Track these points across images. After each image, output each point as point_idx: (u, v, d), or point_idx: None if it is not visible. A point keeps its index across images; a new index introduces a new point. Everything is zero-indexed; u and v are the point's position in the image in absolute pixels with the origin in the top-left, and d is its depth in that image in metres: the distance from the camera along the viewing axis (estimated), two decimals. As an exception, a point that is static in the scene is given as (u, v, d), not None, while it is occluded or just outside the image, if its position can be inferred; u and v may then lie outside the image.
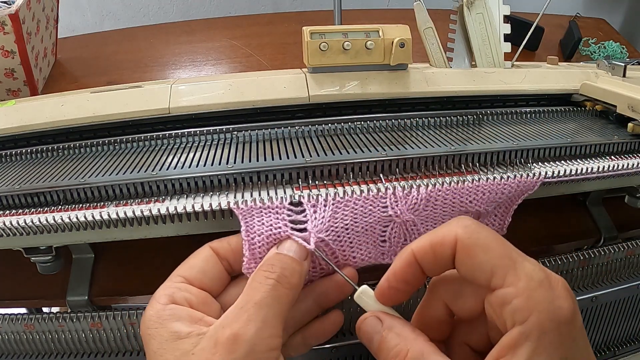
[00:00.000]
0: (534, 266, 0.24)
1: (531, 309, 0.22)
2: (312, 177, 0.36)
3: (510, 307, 0.23)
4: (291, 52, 0.94)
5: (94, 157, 0.40)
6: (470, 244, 0.25)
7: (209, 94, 0.45)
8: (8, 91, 0.79)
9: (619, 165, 0.39)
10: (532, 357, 0.22)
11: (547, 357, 0.22)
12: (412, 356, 0.25)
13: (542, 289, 0.23)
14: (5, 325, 0.37)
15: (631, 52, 1.04)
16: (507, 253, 0.24)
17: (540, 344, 0.22)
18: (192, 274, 0.29)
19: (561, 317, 0.23)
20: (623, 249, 0.44)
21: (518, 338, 0.22)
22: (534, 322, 0.22)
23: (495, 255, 0.24)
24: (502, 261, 0.24)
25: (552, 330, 0.22)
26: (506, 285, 0.23)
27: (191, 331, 0.26)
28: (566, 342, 0.23)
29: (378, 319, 0.27)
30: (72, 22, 1.42)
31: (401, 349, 0.25)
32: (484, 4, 0.53)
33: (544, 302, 0.23)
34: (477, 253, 0.24)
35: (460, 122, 0.45)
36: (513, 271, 0.24)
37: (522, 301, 0.23)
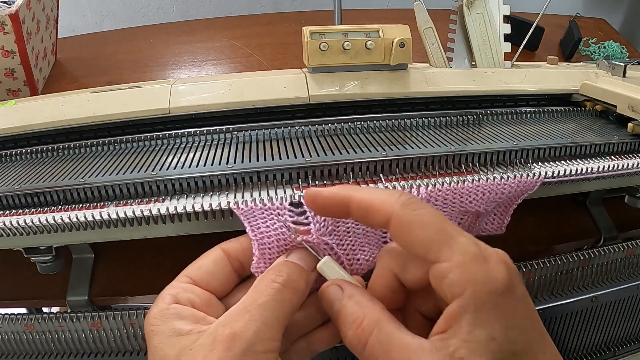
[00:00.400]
0: (469, 241, 0.24)
1: (466, 282, 0.23)
2: (312, 177, 0.36)
3: (447, 281, 0.24)
4: (291, 52, 0.94)
5: (94, 157, 0.40)
6: (406, 221, 0.25)
7: (209, 94, 0.45)
8: (8, 91, 0.79)
9: (619, 165, 0.39)
10: (473, 328, 0.23)
11: (487, 326, 0.23)
12: (368, 322, 0.26)
13: (476, 262, 0.24)
14: (5, 325, 0.37)
15: (631, 52, 1.04)
16: (443, 228, 0.25)
17: (479, 315, 0.23)
18: (198, 275, 0.29)
19: (496, 288, 0.23)
20: (623, 249, 0.44)
21: (458, 311, 0.23)
22: (470, 295, 0.23)
23: (431, 231, 0.25)
24: (437, 236, 0.24)
25: (488, 301, 0.23)
26: (442, 260, 0.24)
27: (192, 329, 0.26)
28: (504, 312, 0.23)
29: (339, 287, 0.28)
30: (72, 22, 1.42)
31: (358, 316, 0.26)
32: (484, 4, 0.53)
33: (477, 275, 0.23)
34: (412, 229, 0.25)
35: (460, 122, 0.45)
36: (448, 246, 0.24)
37: (457, 275, 0.23)
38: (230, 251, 0.30)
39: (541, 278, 0.41)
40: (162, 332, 0.26)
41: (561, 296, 0.42)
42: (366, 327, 0.26)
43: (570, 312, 0.42)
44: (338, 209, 0.28)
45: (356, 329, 0.26)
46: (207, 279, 0.29)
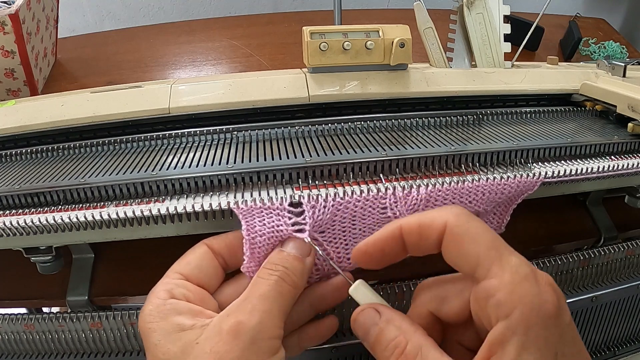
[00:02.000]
0: (520, 260, 0.24)
1: (515, 303, 0.22)
2: (312, 177, 0.36)
3: (494, 300, 0.23)
4: (291, 52, 0.94)
5: (94, 157, 0.40)
6: (459, 232, 0.25)
7: (209, 94, 0.45)
8: (8, 91, 0.79)
9: (619, 165, 0.39)
10: (522, 352, 0.22)
11: (536, 351, 0.22)
12: (411, 349, 0.25)
13: (527, 282, 0.23)
14: (5, 325, 0.37)
15: (631, 52, 1.04)
16: (495, 245, 0.24)
17: (528, 339, 0.22)
18: (188, 271, 0.29)
19: (546, 311, 0.22)
20: (623, 249, 0.44)
21: (504, 333, 0.22)
22: (519, 316, 0.22)
23: (482, 246, 0.24)
24: (489, 252, 0.24)
25: (538, 324, 0.22)
26: (490, 277, 0.23)
27: (194, 323, 0.26)
28: (554, 336, 0.22)
29: (376, 311, 0.27)
30: (72, 22, 1.41)
31: (400, 341, 0.25)
32: (484, 4, 0.53)
33: (528, 296, 0.22)
34: (465, 242, 0.24)
35: (460, 122, 0.45)
36: (498, 263, 0.23)
37: (506, 294, 0.22)
38: (215, 247, 0.30)
39: (541, 278, 0.41)
40: (162, 328, 0.26)
41: (561, 296, 0.42)
42: (409, 353, 0.24)
43: (570, 312, 0.42)
44: (393, 245, 0.27)
45: (399, 355, 0.25)
46: (197, 274, 0.29)
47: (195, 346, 0.25)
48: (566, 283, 0.42)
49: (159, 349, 0.26)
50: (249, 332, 0.25)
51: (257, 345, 0.25)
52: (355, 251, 0.28)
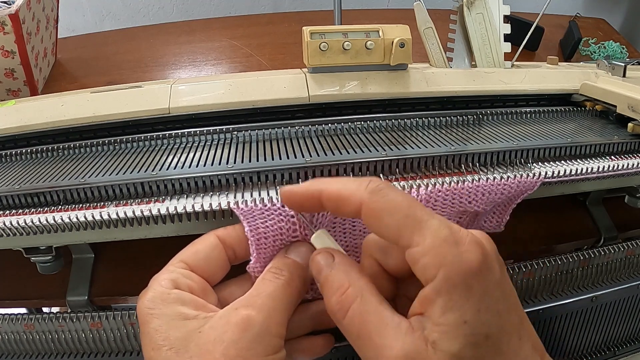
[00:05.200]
0: (440, 223, 0.24)
1: (438, 265, 0.23)
2: (312, 177, 0.36)
3: (420, 265, 0.24)
4: (291, 52, 0.94)
5: (94, 157, 0.40)
6: (375, 208, 0.25)
7: (209, 94, 0.45)
8: (8, 91, 0.79)
9: (619, 165, 0.38)
10: (445, 311, 0.23)
11: (458, 309, 0.23)
12: (352, 291, 0.26)
13: (447, 244, 0.23)
14: (5, 325, 0.37)
15: (631, 52, 1.04)
16: (412, 212, 0.25)
17: (451, 298, 0.23)
18: (195, 261, 0.29)
19: (468, 270, 0.23)
20: (623, 249, 0.44)
21: (431, 293, 0.23)
22: (442, 277, 0.23)
23: (400, 217, 0.24)
24: (407, 221, 0.24)
25: (460, 283, 0.23)
26: (414, 244, 0.24)
27: (198, 314, 0.27)
28: (477, 294, 0.23)
29: (331, 255, 0.28)
30: (72, 22, 1.41)
31: (343, 283, 0.26)
32: (484, 4, 0.53)
33: (449, 257, 0.23)
34: (382, 216, 0.25)
35: (460, 122, 0.45)
36: (418, 230, 0.24)
37: (429, 259, 0.23)
38: (227, 239, 0.30)
39: (541, 278, 0.41)
40: (165, 315, 0.26)
41: (561, 296, 0.42)
42: (349, 294, 0.26)
43: (570, 312, 0.42)
44: (312, 203, 0.28)
45: (339, 295, 0.26)
46: (203, 266, 0.29)
47: (198, 334, 0.26)
48: (566, 283, 0.42)
49: (159, 335, 0.26)
50: (257, 326, 0.26)
51: (264, 340, 0.26)
52: (281, 193, 0.29)
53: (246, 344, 0.25)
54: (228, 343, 0.25)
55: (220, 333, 0.25)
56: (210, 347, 0.25)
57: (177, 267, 0.29)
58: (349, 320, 0.25)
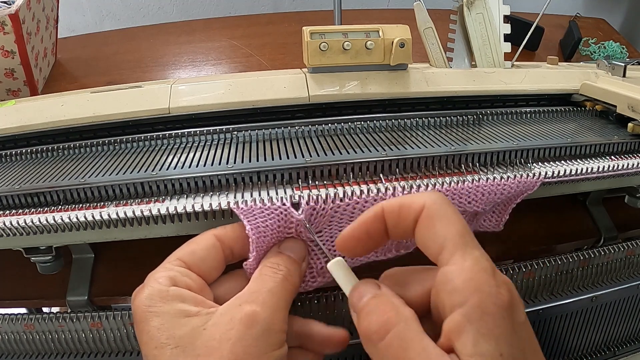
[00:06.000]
0: (482, 254, 0.24)
1: (472, 291, 0.22)
2: (312, 177, 0.36)
3: (452, 286, 0.23)
4: (291, 52, 0.94)
5: (94, 157, 0.40)
6: (434, 214, 0.25)
7: (209, 94, 0.45)
8: (8, 91, 0.79)
9: (619, 165, 0.38)
10: (479, 340, 0.21)
11: (493, 340, 0.22)
12: (395, 315, 0.24)
13: (485, 274, 0.23)
14: (5, 325, 0.37)
15: (631, 52, 1.04)
16: (463, 233, 0.24)
17: (484, 326, 0.22)
18: (192, 260, 0.29)
19: (501, 302, 0.22)
20: (623, 249, 0.44)
21: (460, 321, 0.22)
22: (475, 304, 0.22)
23: (452, 231, 0.24)
24: (455, 238, 0.24)
25: (494, 313, 0.22)
26: (451, 263, 0.24)
27: (199, 310, 0.26)
28: (510, 327, 0.22)
29: (377, 285, 0.27)
30: (72, 22, 1.41)
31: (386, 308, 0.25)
32: (484, 4, 0.53)
33: (484, 286, 0.23)
34: (437, 223, 0.25)
35: (460, 122, 0.45)
36: (462, 251, 0.24)
37: (464, 282, 0.23)
38: (224, 239, 0.30)
39: (541, 278, 0.41)
40: (166, 312, 0.26)
41: (561, 296, 0.42)
42: (392, 318, 0.24)
43: (570, 312, 0.42)
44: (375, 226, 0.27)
45: (382, 316, 0.24)
46: (200, 265, 0.29)
47: (203, 332, 0.25)
48: (566, 283, 0.42)
49: (162, 333, 0.25)
50: (262, 323, 0.26)
51: (269, 336, 0.26)
52: (340, 236, 0.28)
53: (252, 341, 0.25)
54: (234, 340, 0.25)
55: (225, 330, 0.25)
56: (216, 344, 0.25)
57: (174, 265, 0.28)
58: (387, 344, 0.24)
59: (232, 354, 0.25)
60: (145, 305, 0.26)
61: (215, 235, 0.30)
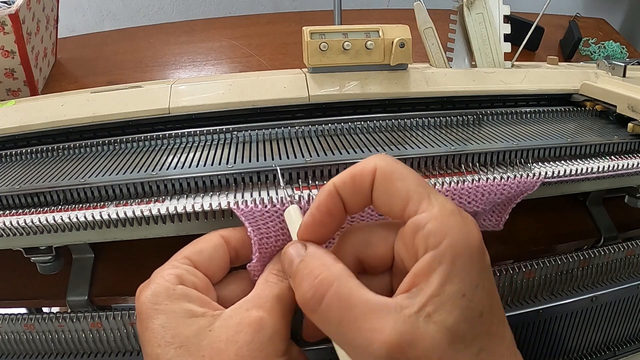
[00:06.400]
0: (445, 198, 0.25)
1: (445, 233, 0.23)
2: (312, 177, 0.36)
3: (424, 232, 0.23)
4: (291, 52, 0.94)
5: (94, 157, 0.40)
6: (389, 171, 0.25)
7: (209, 94, 0.45)
8: (8, 91, 0.79)
9: (619, 165, 0.38)
10: (445, 282, 0.22)
11: (459, 280, 0.22)
12: (328, 275, 0.24)
13: (455, 216, 0.23)
14: (5, 325, 0.37)
15: (631, 52, 1.04)
16: (422, 183, 0.25)
17: (454, 268, 0.22)
18: (199, 259, 0.29)
19: (473, 243, 0.23)
20: (623, 249, 0.44)
21: (431, 262, 0.22)
22: (447, 245, 0.22)
23: (412, 183, 0.25)
24: (418, 188, 0.24)
25: (465, 254, 0.22)
26: (420, 211, 0.24)
27: (205, 311, 0.26)
28: (477, 268, 0.23)
29: (303, 245, 0.27)
30: (72, 22, 1.41)
31: (315, 269, 0.25)
32: (484, 4, 0.53)
33: (457, 227, 0.23)
34: (395, 180, 0.25)
35: (460, 122, 0.45)
36: (427, 199, 0.24)
37: (436, 225, 0.23)
38: (231, 240, 0.30)
39: (541, 278, 0.41)
40: (172, 311, 0.26)
41: (561, 296, 0.42)
42: (325, 279, 0.24)
43: (570, 312, 0.42)
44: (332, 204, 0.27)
45: (313, 280, 0.24)
46: (206, 265, 0.29)
47: (209, 333, 0.25)
48: (566, 283, 0.42)
49: (167, 332, 0.25)
50: (269, 328, 0.26)
51: (275, 342, 0.26)
52: (303, 227, 0.27)
53: (258, 345, 0.25)
54: (242, 343, 0.25)
55: (233, 333, 0.25)
56: (222, 346, 0.25)
57: (181, 263, 0.28)
58: (326, 308, 0.23)
59: (238, 357, 0.25)
60: (150, 302, 0.26)
61: (222, 235, 0.30)
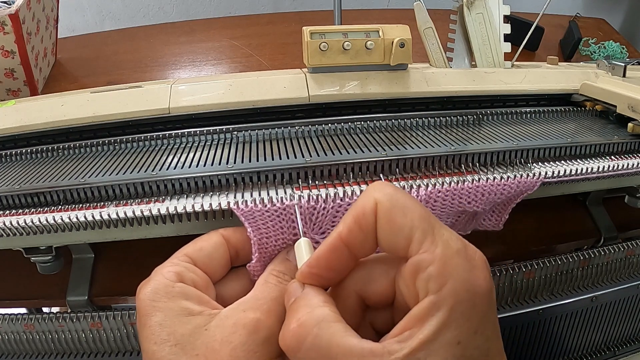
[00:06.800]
0: (451, 234, 0.23)
1: (447, 277, 0.21)
2: (312, 177, 0.36)
3: (425, 274, 0.22)
4: (291, 52, 0.94)
5: (94, 157, 0.40)
6: (390, 207, 0.23)
7: (209, 94, 0.45)
8: (8, 91, 0.79)
9: (619, 165, 0.38)
10: (441, 328, 0.21)
11: (456, 327, 0.21)
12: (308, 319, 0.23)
13: (460, 257, 0.22)
14: (5, 325, 0.37)
15: (631, 52, 1.04)
16: (426, 216, 0.23)
17: (452, 315, 0.21)
18: (199, 257, 0.29)
19: (477, 288, 0.22)
20: (623, 249, 0.44)
21: (429, 308, 0.21)
22: (449, 291, 0.21)
23: (415, 217, 0.23)
24: (421, 224, 0.23)
25: (467, 300, 0.21)
26: (422, 251, 0.22)
27: (203, 310, 0.26)
28: (478, 315, 0.21)
29: (301, 285, 0.26)
30: (72, 22, 1.41)
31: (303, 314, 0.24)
32: (484, 4, 0.53)
33: (460, 271, 0.22)
34: (397, 215, 0.23)
35: (460, 122, 0.45)
36: (431, 237, 0.22)
37: (438, 268, 0.22)
38: (231, 239, 0.30)
39: (541, 278, 0.41)
40: (169, 309, 0.26)
41: (561, 296, 0.42)
42: (304, 323, 0.23)
43: (570, 312, 0.42)
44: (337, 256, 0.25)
45: (295, 323, 0.23)
46: (206, 263, 0.29)
47: (204, 332, 0.25)
48: (566, 283, 0.42)
49: (163, 330, 0.25)
50: (264, 330, 0.26)
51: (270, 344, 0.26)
52: (299, 273, 0.26)
53: (254, 347, 0.25)
54: (236, 344, 0.25)
55: (228, 334, 0.25)
56: (217, 346, 0.25)
57: (181, 261, 0.28)
58: (304, 355, 0.22)
59: (232, 358, 0.24)
60: (149, 299, 0.26)
61: (223, 234, 0.30)
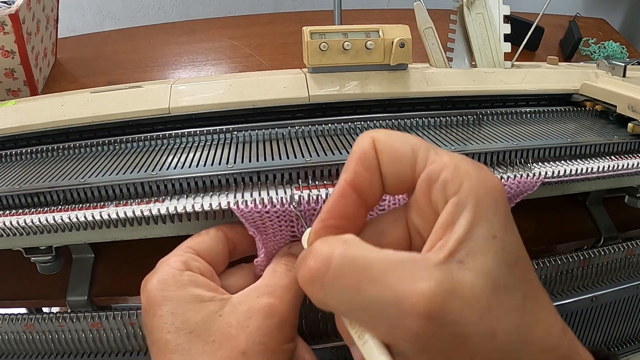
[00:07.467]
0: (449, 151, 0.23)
1: (462, 178, 0.21)
2: (312, 177, 0.36)
3: (439, 183, 0.21)
4: (291, 52, 0.94)
5: (94, 157, 0.40)
6: (387, 139, 0.23)
7: (209, 94, 0.45)
8: (8, 91, 0.79)
9: (619, 165, 0.38)
10: (473, 225, 0.20)
11: (487, 222, 0.20)
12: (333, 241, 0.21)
13: (467, 161, 0.22)
14: (5, 325, 0.37)
15: (631, 52, 1.04)
16: (423, 140, 0.23)
17: (478, 210, 0.20)
18: (202, 248, 0.29)
19: (493, 185, 0.21)
20: (623, 249, 0.44)
21: (454, 210, 0.20)
22: (468, 189, 0.20)
23: (413, 141, 0.23)
24: (422, 144, 0.23)
25: (488, 196, 0.20)
26: (430, 163, 0.22)
27: (214, 296, 0.26)
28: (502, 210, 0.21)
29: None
30: (72, 22, 1.42)
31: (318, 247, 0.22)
32: (484, 4, 0.53)
33: (473, 170, 0.21)
34: (396, 143, 0.23)
35: (460, 122, 0.45)
36: (434, 150, 0.22)
37: (451, 171, 0.21)
38: (229, 234, 0.31)
39: (541, 278, 0.41)
40: (180, 297, 0.26)
41: (561, 296, 0.42)
42: (330, 245, 0.21)
43: (570, 312, 0.42)
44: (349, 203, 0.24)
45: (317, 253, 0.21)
46: (209, 254, 0.29)
47: (218, 318, 0.25)
48: (566, 283, 0.42)
49: (177, 318, 0.25)
50: (279, 315, 0.26)
51: (284, 329, 0.26)
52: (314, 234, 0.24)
53: (269, 331, 0.25)
54: (252, 329, 0.25)
55: (244, 318, 0.25)
56: (233, 331, 0.25)
57: (185, 252, 0.29)
58: (336, 275, 0.20)
59: (249, 342, 0.25)
60: (158, 290, 0.26)
61: (221, 229, 0.31)
